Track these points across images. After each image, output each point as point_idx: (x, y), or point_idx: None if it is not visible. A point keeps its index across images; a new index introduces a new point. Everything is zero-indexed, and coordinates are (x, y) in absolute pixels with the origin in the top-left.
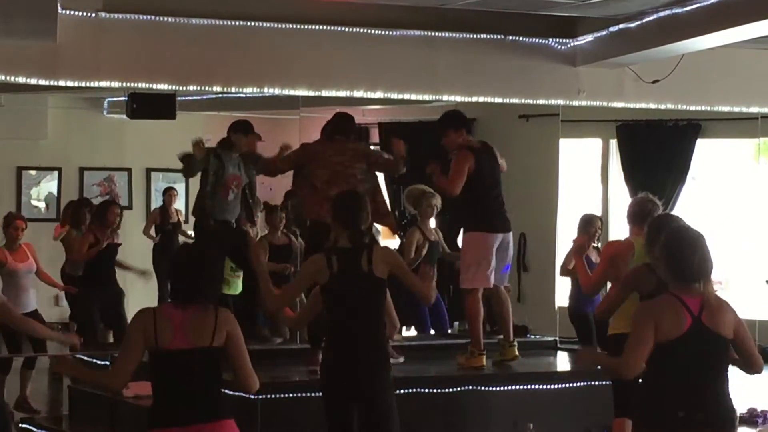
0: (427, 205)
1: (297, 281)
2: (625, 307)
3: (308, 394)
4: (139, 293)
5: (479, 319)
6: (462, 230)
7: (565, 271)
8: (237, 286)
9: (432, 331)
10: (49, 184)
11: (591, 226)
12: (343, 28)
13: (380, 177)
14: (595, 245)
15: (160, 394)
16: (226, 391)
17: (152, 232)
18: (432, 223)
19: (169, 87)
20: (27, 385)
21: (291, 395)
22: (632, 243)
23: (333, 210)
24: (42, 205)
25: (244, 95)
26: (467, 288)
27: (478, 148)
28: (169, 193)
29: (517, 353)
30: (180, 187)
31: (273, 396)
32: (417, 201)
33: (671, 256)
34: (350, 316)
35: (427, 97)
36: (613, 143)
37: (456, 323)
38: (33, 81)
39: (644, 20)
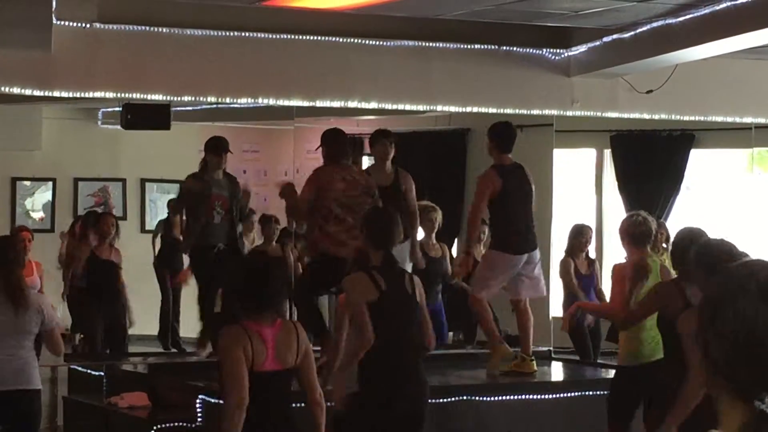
0: (427, 219)
1: (358, 307)
2: (630, 338)
3: None
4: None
5: (489, 318)
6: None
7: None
8: None
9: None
10: (44, 195)
11: (582, 236)
12: (338, 39)
13: None
14: (586, 256)
15: (248, 414)
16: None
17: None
18: (434, 238)
19: (164, 97)
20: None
21: None
22: (647, 262)
23: (366, 229)
24: (37, 215)
25: (238, 106)
26: (475, 295)
27: (507, 168)
28: (172, 205)
29: (535, 368)
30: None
31: None
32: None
33: (709, 266)
34: (402, 333)
35: (421, 108)
36: (608, 153)
37: (450, 333)
38: (27, 92)
39: (638, 30)
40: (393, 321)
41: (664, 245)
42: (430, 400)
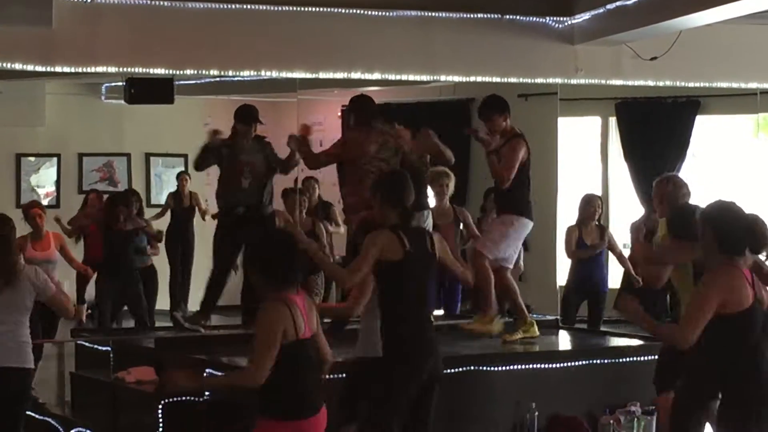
0: (438, 184)
1: (368, 253)
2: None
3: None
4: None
5: (491, 282)
6: (497, 211)
7: (570, 253)
8: None
9: (441, 311)
10: (49, 171)
11: (590, 206)
12: (340, 10)
13: None
14: (597, 224)
15: (295, 383)
16: None
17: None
18: (447, 203)
19: (167, 71)
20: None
21: None
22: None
23: (380, 190)
24: (42, 191)
25: (241, 78)
26: (480, 252)
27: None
28: (181, 177)
29: (537, 332)
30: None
31: None
32: (430, 181)
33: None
34: (422, 294)
35: (424, 78)
36: (612, 121)
37: (458, 303)
38: (29, 67)
39: None
40: (415, 281)
41: None
42: None
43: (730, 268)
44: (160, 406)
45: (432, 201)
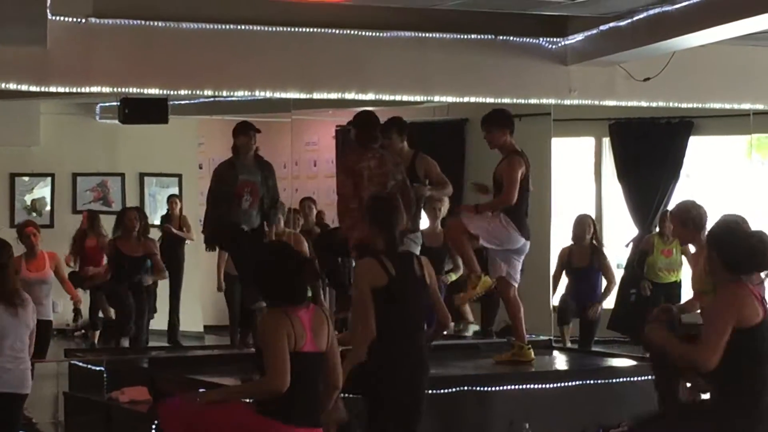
0: (430, 207)
1: (363, 297)
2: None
3: None
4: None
5: (520, 311)
6: None
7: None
8: None
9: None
10: (42, 190)
11: (580, 226)
12: (334, 31)
13: None
14: (591, 243)
15: (291, 393)
16: None
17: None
18: (438, 226)
19: (161, 91)
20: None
21: None
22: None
23: (369, 214)
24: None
25: (235, 99)
26: (507, 281)
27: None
28: (171, 200)
29: (533, 356)
30: (174, 191)
31: None
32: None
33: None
34: (410, 317)
35: (419, 98)
36: (606, 141)
37: (452, 324)
38: (24, 87)
39: (634, 18)
40: (402, 305)
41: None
42: (431, 391)
43: (736, 285)
44: (153, 426)
45: (424, 223)
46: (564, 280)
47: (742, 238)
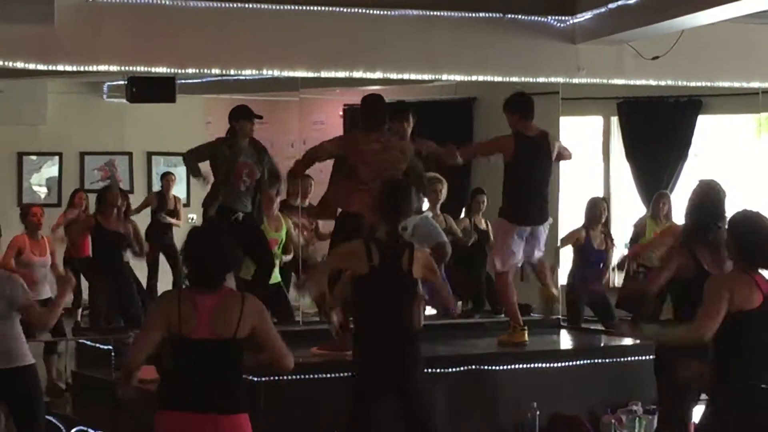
0: (432, 190)
1: (328, 263)
2: None
3: (311, 376)
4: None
5: (512, 298)
6: None
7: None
8: (275, 276)
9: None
10: (50, 169)
11: (596, 209)
12: (342, 9)
13: None
14: (606, 230)
15: (176, 378)
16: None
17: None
18: (438, 210)
19: (169, 70)
20: (53, 370)
21: (295, 377)
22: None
23: (379, 199)
24: (43, 190)
25: (243, 77)
26: (497, 271)
27: (529, 137)
28: (167, 178)
29: (526, 337)
30: (181, 171)
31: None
32: None
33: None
34: (388, 312)
35: (426, 77)
36: (614, 120)
37: (459, 303)
38: (31, 66)
39: None
40: (378, 296)
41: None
42: (438, 370)
43: (739, 272)
44: None
45: (425, 206)
46: (567, 264)
47: (760, 231)
